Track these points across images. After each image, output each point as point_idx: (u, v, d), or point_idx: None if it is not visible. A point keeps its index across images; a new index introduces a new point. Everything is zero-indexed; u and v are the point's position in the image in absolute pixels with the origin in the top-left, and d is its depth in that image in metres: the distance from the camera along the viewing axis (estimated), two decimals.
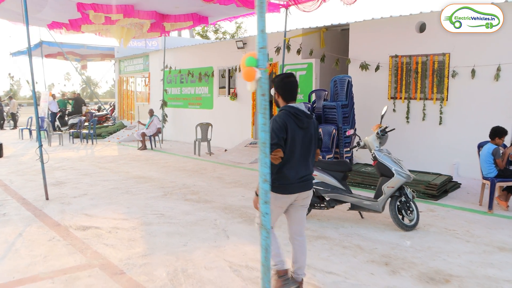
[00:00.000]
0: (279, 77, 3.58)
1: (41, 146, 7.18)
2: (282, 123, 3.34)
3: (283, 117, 3.39)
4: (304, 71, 11.32)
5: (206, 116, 14.44)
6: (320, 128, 8.89)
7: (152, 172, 9.84)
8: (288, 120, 3.37)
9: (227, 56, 13.53)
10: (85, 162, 11.21)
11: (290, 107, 3.46)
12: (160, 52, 16.56)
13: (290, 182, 3.43)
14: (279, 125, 3.33)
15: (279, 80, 3.54)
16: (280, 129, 3.32)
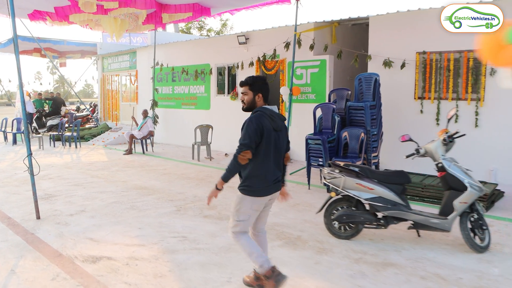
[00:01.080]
0: (261, 79, 3.62)
1: (30, 155, 5.97)
2: (258, 125, 3.37)
3: (260, 118, 3.41)
4: (316, 68, 10.38)
5: (202, 117, 13.33)
6: (346, 131, 7.97)
7: (153, 181, 8.70)
8: (264, 122, 3.41)
9: (227, 53, 12.46)
10: (73, 170, 9.95)
11: (265, 109, 3.51)
12: (149, 48, 15.34)
13: (267, 184, 3.46)
14: (255, 127, 3.36)
15: (263, 82, 3.60)
16: (255, 131, 3.35)
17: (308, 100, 10.57)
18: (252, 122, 3.38)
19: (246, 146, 3.32)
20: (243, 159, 3.33)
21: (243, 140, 3.34)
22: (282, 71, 11.06)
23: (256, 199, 3.44)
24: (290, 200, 7.22)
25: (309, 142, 7.97)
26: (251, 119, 3.40)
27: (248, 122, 3.38)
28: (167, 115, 14.66)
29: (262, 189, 3.44)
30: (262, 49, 11.29)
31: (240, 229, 3.52)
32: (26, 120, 6.05)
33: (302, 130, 10.64)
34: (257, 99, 3.53)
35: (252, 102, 3.54)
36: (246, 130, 3.36)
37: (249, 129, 3.35)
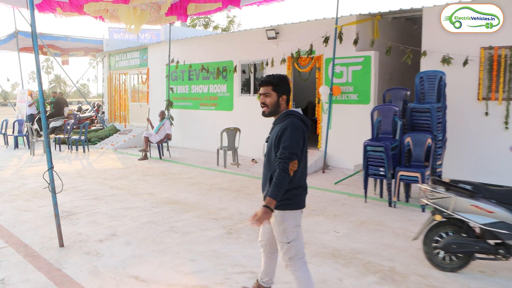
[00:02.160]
0: (285, 78, 3.19)
1: (51, 169, 4.84)
2: (303, 131, 3.03)
3: (301, 123, 3.06)
4: (359, 66, 9.31)
5: (224, 119, 12.22)
6: (409, 136, 6.91)
7: (183, 192, 7.60)
8: (303, 127, 3.07)
9: (253, 49, 11.37)
10: (88, 179, 8.83)
11: (297, 113, 3.13)
12: (162, 44, 14.21)
13: (305, 194, 3.16)
14: (301, 133, 3.00)
15: (287, 82, 3.18)
16: (301, 138, 3.00)
17: (349, 100, 9.51)
18: (296, 127, 2.98)
19: (295, 155, 2.93)
20: (292, 170, 2.93)
21: (291, 149, 2.91)
22: (319, 69, 9.99)
23: (297, 212, 3.08)
24: (352, 217, 6.20)
25: (369, 149, 6.91)
26: (294, 123, 2.99)
27: (292, 127, 2.96)
28: (183, 117, 13.54)
29: (302, 200, 3.11)
30: (296, 44, 10.21)
31: (295, 251, 3.06)
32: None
33: (342, 133, 9.59)
34: (281, 101, 3.10)
35: (276, 105, 3.09)
36: (291, 136, 2.93)
37: (296, 135, 2.95)
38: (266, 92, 3.10)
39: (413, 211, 6.56)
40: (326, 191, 7.89)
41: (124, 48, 15.88)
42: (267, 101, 3.10)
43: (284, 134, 2.95)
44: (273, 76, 3.13)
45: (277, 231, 3.06)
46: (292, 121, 3.00)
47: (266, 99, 3.10)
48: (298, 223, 3.07)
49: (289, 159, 2.88)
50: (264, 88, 3.11)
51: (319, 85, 10.00)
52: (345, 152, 9.60)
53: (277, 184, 2.86)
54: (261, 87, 3.15)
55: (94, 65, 32.38)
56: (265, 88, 3.11)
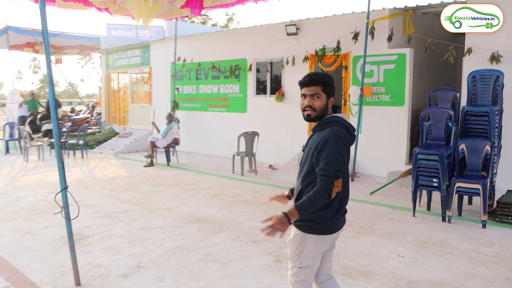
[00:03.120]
0: (332, 78, 2.59)
1: (65, 189, 3.92)
2: (347, 144, 2.47)
3: (346, 134, 2.49)
4: (392, 64, 8.50)
5: (236, 122, 11.34)
6: (463, 143, 6.10)
7: (205, 207, 6.71)
8: (348, 138, 2.51)
9: (269, 46, 10.49)
10: (92, 190, 7.88)
11: (342, 120, 2.54)
12: (166, 41, 13.27)
13: (337, 217, 2.53)
14: (345, 146, 2.44)
15: (332, 82, 2.57)
16: (346, 152, 2.45)
17: (380, 102, 8.69)
18: (341, 138, 2.45)
19: (340, 173, 2.41)
20: (335, 190, 2.40)
21: (336, 165, 2.37)
22: (345, 68, 9.15)
23: (322, 237, 2.54)
24: (409, 236, 5.38)
25: (420, 158, 6.08)
26: (338, 134, 2.44)
27: (336, 138, 2.43)
28: (190, 119, 12.61)
29: (331, 224, 2.54)
30: (319, 41, 9.36)
31: (305, 277, 2.60)
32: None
33: (372, 138, 8.77)
34: (329, 104, 2.58)
35: (325, 109, 2.55)
36: (335, 150, 2.40)
37: (341, 149, 2.42)
38: (315, 93, 2.53)
39: (472, 227, 5.77)
40: (364, 202, 7.06)
41: (124, 46, 14.89)
42: (316, 104, 2.53)
43: (326, 146, 2.42)
44: (323, 75, 2.57)
45: (292, 250, 2.58)
46: (335, 130, 2.46)
47: (314, 102, 2.53)
48: (320, 249, 2.56)
49: (334, 177, 2.36)
50: (313, 88, 2.54)
51: (346, 86, 9.16)
52: (375, 159, 8.78)
53: (311, 200, 2.34)
54: (306, 87, 2.56)
55: (83, 65, 31.02)
56: (313, 88, 2.53)
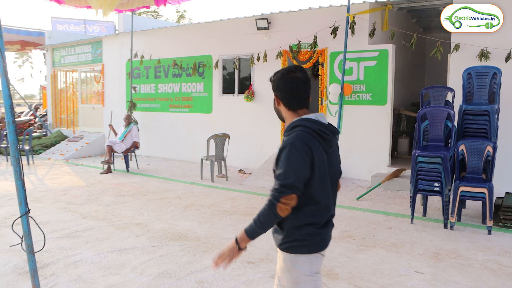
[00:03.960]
0: (280, 72, 2.23)
1: (27, 214, 3.02)
2: (307, 152, 2.04)
3: (306, 140, 2.06)
4: (374, 61, 8.08)
5: (201, 123, 10.55)
6: (463, 144, 5.73)
7: (181, 220, 5.91)
8: (313, 145, 2.07)
9: (237, 41, 9.79)
10: (46, 204, 6.82)
11: (310, 122, 2.12)
12: (121, 37, 12.20)
13: (326, 232, 2.20)
14: (301, 156, 2.03)
15: (281, 76, 2.21)
16: (303, 163, 2.03)
17: (360, 101, 8.25)
18: (296, 148, 2.04)
19: (291, 188, 2.02)
20: (284, 209, 2.03)
21: (285, 179, 2.02)
22: (322, 65, 8.64)
23: (313, 256, 2.19)
24: (417, 247, 4.89)
25: (421, 161, 5.64)
26: (293, 143, 2.06)
27: (290, 148, 2.05)
28: (148, 121, 11.63)
29: (321, 240, 2.20)
30: (294, 36, 8.79)
31: None
32: None
33: (352, 139, 8.32)
34: (276, 104, 2.26)
35: (275, 108, 2.30)
36: (286, 162, 2.04)
37: (293, 160, 2.03)
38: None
39: (477, 234, 5.40)
40: (354, 209, 6.55)
41: (72, 41, 13.59)
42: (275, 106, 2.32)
43: (281, 156, 2.09)
44: (276, 72, 2.28)
45: (287, 280, 2.21)
46: (294, 137, 2.09)
47: None
48: (315, 269, 2.22)
49: (280, 193, 2.02)
50: None
51: (323, 83, 8.65)
52: (356, 161, 8.33)
53: (256, 221, 2.08)
54: None
55: (20, 64, 28.49)
56: None
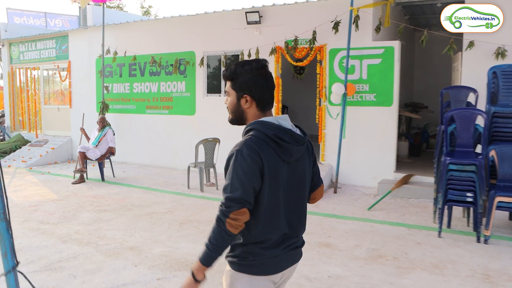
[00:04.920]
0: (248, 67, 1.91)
1: (14, 268, 2.16)
2: (254, 161, 1.79)
3: (255, 147, 1.80)
4: (378, 58, 7.51)
5: (182, 126, 9.67)
6: (493, 149, 5.23)
7: (181, 241, 5.08)
8: (264, 152, 1.80)
9: (224, 36, 8.98)
10: (13, 224, 5.72)
11: (265, 125, 1.86)
12: (90, 31, 11.09)
13: (276, 254, 1.91)
14: (248, 166, 1.79)
15: (251, 70, 1.91)
16: (251, 173, 1.79)
17: (363, 102, 7.66)
18: (242, 156, 1.78)
19: (239, 202, 1.77)
20: (235, 226, 1.78)
21: (232, 192, 1.77)
22: (320, 62, 7.99)
23: (256, 278, 1.89)
24: (461, 267, 4.32)
25: (452, 168, 5.08)
26: (240, 150, 1.79)
27: (236, 157, 1.80)
28: (122, 123, 10.61)
29: (268, 263, 1.89)
30: (288, 30, 8.09)
31: None
32: None
33: (354, 143, 7.74)
34: (243, 104, 1.92)
35: (236, 110, 1.95)
36: (233, 172, 1.79)
37: (239, 170, 1.78)
38: (226, 90, 2.00)
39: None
40: (370, 221, 5.94)
41: (33, 36, 12.29)
42: (228, 104, 2.00)
43: (228, 166, 1.84)
44: (236, 65, 1.95)
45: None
46: (244, 143, 1.82)
47: (227, 100, 2.01)
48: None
49: (228, 208, 1.77)
50: (226, 85, 2.00)
51: (321, 83, 8.00)
52: (359, 166, 7.75)
53: (209, 245, 1.80)
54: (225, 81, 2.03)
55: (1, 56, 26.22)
56: (226, 84, 2.00)
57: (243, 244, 1.90)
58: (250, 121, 1.94)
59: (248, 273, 1.91)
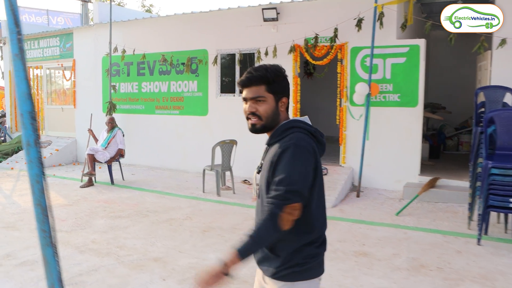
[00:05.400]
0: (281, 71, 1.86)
1: None
2: (312, 154, 1.77)
3: (310, 142, 1.78)
4: (403, 57, 7.22)
5: (194, 127, 9.35)
6: None
7: (208, 251, 4.77)
8: (314, 147, 1.80)
9: (238, 34, 8.66)
10: (24, 232, 5.45)
11: (303, 123, 1.84)
12: (96, 28, 10.73)
13: (324, 251, 1.88)
14: (307, 157, 1.74)
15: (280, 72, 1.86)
16: (309, 165, 1.74)
17: (387, 102, 7.37)
18: (300, 149, 1.72)
19: (297, 195, 1.68)
20: (287, 221, 1.67)
21: (290, 185, 1.66)
22: (341, 61, 7.69)
23: (313, 282, 1.82)
24: (495, 275, 4.03)
25: (494, 173, 4.79)
26: (298, 142, 1.73)
27: (295, 149, 1.72)
28: (129, 124, 10.25)
29: (321, 262, 1.86)
30: (307, 28, 7.78)
31: None
32: None
33: (377, 145, 7.45)
34: (280, 107, 1.85)
35: (274, 114, 1.83)
36: (292, 164, 1.69)
37: (300, 162, 1.71)
38: (257, 96, 1.80)
39: None
40: (402, 228, 5.65)
41: (36, 33, 11.89)
42: (260, 110, 1.80)
43: (281, 159, 1.70)
44: (266, 69, 1.80)
45: None
46: (295, 138, 1.73)
47: (258, 107, 1.81)
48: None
49: (285, 201, 1.64)
50: (254, 89, 1.80)
51: (342, 83, 7.71)
52: (381, 169, 7.46)
53: (254, 236, 1.66)
54: (246, 88, 1.82)
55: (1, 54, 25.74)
56: (255, 89, 1.80)
57: (297, 249, 1.79)
58: (277, 124, 1.85)
59: (307, 278, 1.81)
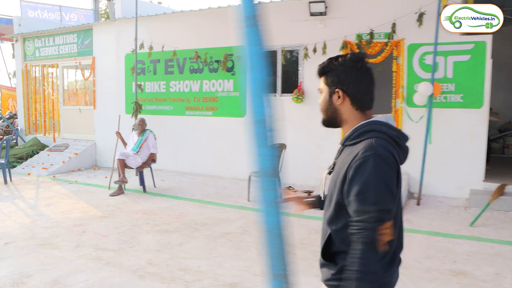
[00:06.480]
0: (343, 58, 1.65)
1: None
2: (394, 166, 1.51)
3: (391, 150, 1.53)
4: (467, 55, 6.65)
5: (229, 129, 8.72)
6: None
7: None
8: (396, 156, 1.55)
9: (282, 29, 7.99)
10: (64, 251, 4.81)
11: (385, 126, 1.59)
12: (118, 24, 10.08)
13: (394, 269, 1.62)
14: (390, 169, 1.49)
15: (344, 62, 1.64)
16: (393, 178, 1.50)
17: (448, 103, 6.79)
18: (381, 159, 1.47)
19: (388, 213, 1.45)
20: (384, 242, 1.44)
21: (379, 204, 1.42)
22: (397, 59, 7.10)
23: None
24: None
25: None
26: (376, 154, 1.47)
27: (375, 160, 1.46)
28: (156, 126, 9.50)
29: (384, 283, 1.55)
30: (358, 23, 7.20)
31: None
32: None
33: (438, 149, 6.86)
34: (335, 101, 1.66)
35: (328, 108, 1.69)
36: (376, 179, 1.44)
37: (384, 176, 1.46)
38: (320, 87, 1.73)
39: None
40: (485, 241, 5.09)
41: (51, 30, 11.21)
42: (320, 102, 1.73)
43: (360, 173, 1.46)
44: (335, 58, 1.66)
45: None
46: (374, 145, 1.48)
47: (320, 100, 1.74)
48: None
49: (377, 222, 1.41)
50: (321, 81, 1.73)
51: (398, 82, 7.12)
52: (442, 175, 6.88)
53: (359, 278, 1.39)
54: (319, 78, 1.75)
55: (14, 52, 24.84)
56: (321, 81, 1.72)
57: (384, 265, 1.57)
58: (347, 122, 1.65)
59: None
